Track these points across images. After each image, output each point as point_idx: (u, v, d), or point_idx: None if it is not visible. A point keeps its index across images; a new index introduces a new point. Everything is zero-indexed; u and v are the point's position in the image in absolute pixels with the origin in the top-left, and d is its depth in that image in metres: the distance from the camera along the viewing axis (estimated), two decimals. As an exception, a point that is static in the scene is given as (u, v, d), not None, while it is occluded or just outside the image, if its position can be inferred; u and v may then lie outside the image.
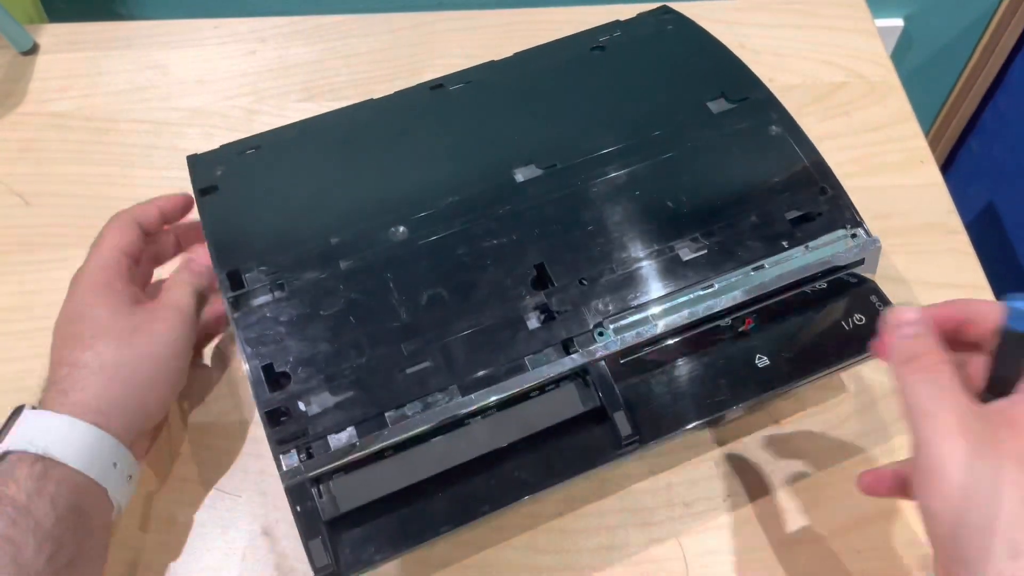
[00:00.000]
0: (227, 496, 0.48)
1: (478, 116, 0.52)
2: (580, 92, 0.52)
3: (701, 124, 0.49)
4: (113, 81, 0.69)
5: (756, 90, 0.50)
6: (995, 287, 0.55)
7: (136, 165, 0.64)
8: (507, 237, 0.45)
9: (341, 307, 0.42)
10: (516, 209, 0.46)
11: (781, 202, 0.46)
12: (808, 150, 0.48)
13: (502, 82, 0.54)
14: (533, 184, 0.47)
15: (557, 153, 0.48)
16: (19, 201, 0.62)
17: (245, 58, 0.71)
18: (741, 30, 0.71)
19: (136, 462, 0.43)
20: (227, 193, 0.48)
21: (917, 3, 0.92)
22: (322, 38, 0.72)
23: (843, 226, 0.45)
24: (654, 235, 0.45)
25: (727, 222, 0.45)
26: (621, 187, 0.46)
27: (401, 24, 0.72)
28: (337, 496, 0.39)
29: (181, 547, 0.47)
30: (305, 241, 0.45)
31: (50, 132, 0.66)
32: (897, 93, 0.67)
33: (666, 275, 0.44)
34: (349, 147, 0.51)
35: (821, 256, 0.44)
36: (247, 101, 0.68)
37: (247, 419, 0.51)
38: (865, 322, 0.44)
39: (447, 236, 0.45)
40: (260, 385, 0.40)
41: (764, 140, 0.48)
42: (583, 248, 0.44)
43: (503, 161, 0.48)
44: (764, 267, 0.44)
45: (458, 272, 0.44)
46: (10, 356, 0.54)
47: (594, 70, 0.54)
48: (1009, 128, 0.98)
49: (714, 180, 0.47)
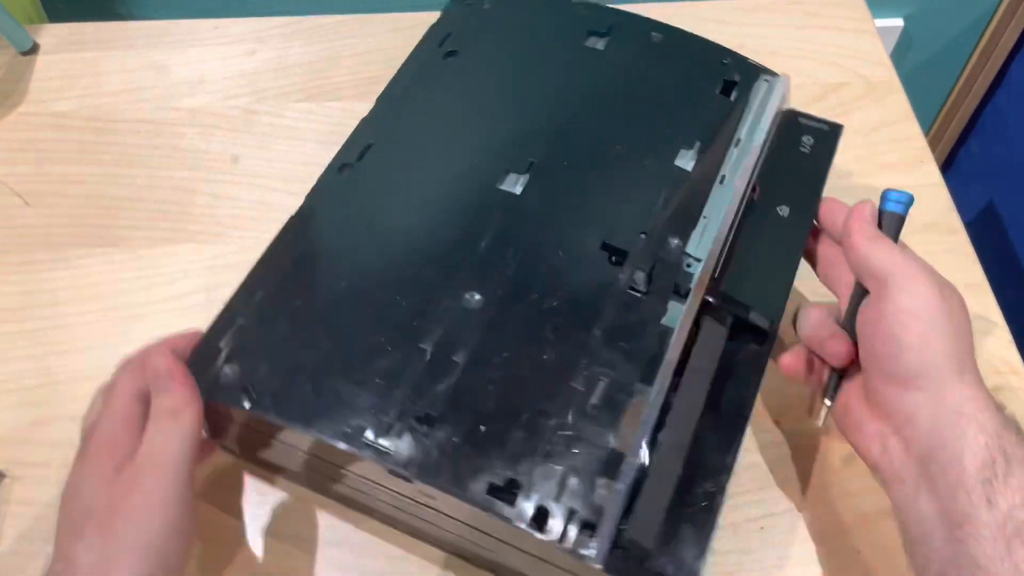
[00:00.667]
0: (227, 496, 0.48)
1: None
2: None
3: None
4: (113, 81, 0.69)
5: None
6: (995, 287, 0.55)
7: (136, 165, 0.64)
8: (563, 244, 0.45)
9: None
10: (533, 208, 0.46)
11: (710, 86, 0.52)
12: (698, 43, 0.55)
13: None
14: (530, 190, 0.47)
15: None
16: (19, 201, 0.62)
17: (244, 58, 0.71)
18: (741, 30, 0.72)
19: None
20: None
21: (917, 3, 0.92)
22: (322, 38, 0.72)
23: (756, 78, 0.52)
24: (656, 165, 0.48)
25: (694, 121, 0.50)
26: (609, 146, 0.49)
27: (401, 24, 0.72)
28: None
29: (181, 547, 0.47)
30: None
31: (50, 132, 0.66)
32: (897, 93, 0.67)
33: (690, 190, 0.47)
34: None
35: (769, 109, 0.51)
36: (247, 101, 0.68)
37: (247, 419, 0.51)
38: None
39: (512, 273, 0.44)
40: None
41: (670, 58, 0.54)
42: (619, 208, 0.46)
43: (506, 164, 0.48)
44: (741, 140, 0.49)
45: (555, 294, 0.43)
46: (10, 356, 0.54)
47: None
48: (1009, 128, 0.98)
49: (665, 104, 0.52)
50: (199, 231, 0.60)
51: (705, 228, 0.45)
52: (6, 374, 0.53)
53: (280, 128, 0.66)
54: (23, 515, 0.48)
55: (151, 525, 0.36)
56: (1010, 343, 0.53)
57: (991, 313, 0.54)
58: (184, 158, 0.64)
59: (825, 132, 0.52)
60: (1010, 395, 0.50)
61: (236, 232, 0.59)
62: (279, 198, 0.61)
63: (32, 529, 0.47)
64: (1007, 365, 0.52)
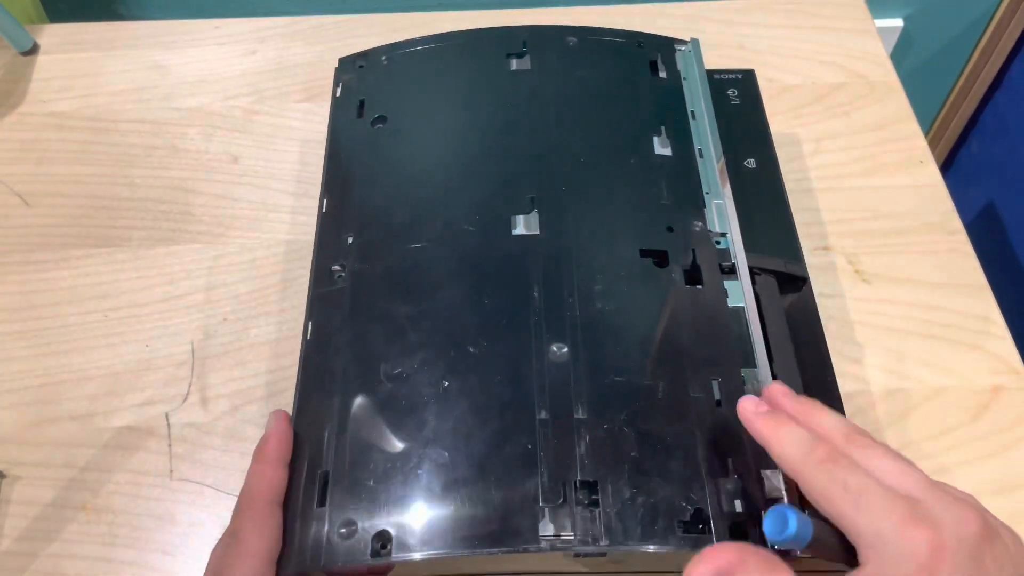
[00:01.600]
0: (227, 496, 0.48)
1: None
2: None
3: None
4: (113, 81, 0.69)
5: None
6: (995, 287, 0.55)
7: (136, 165, 0.64)
8: (607, 266, 0.45)
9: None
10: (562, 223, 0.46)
11: (640, 71, 0.54)
12: (608, 34, 0.56)
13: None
14: (546, 226, 0.46)
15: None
16: (19, 201, 0.62)
17: (245, 58, 0.71)
18: (741, 30, 0.72)
19: None
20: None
21: (917, 3, 0.92)
22: (322, 38, 0.72)
23: (673, 50, 0.55)
24: (640, 159, 0.49)
25: (646, 109, 0.52)
26: (589, 157, 0.50)
27: (401, 24, 0.72)
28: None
29: (181, 547, 0.47)
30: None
31: (50, 132, 0.66)
32: (897, 93, 0.66)
33: (681, 173, 0.48)
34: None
35: (700, 74, 0.53)
36: (247, 101, 0.68)
37: (247, 419, 0.51)
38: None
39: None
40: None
41: (593, 57, 0.55)
42: (634, 212, 0.47)
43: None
44: (695, 111, 0.51)
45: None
46: (10, 356, 0.54)
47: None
48: (1009, 128, 0.98)
49: (613, 101, 0.53)
50: (199, 231, 0.60)
51: (713, 203, 0.47)
52: (6, 374, 0.53)
53: (280, 128, 0.66)
54: (23, 515, 0.48)
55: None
56: (1010, 343, 0.53)
57: (991, 313, 0.54)
58: (184, 158, 0.64)
59: (742, 80, 0.55)
60: (1010, 395, 0.50)
61: (236, 232, 0.60)
62: (279, 198, 0.61)
63: (32, 529, 0.47)
64: (1007, 365, 0.52)
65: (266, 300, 0.56)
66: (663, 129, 0.50)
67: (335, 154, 0.51)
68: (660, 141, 0.49)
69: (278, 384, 0.52)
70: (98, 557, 0.47)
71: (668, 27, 0.70)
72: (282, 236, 0.59)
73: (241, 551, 0.37)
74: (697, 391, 0.40)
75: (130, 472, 0.49)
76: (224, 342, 0.54)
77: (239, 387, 0.52)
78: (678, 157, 0.49)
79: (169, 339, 0.54)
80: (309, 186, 0.62)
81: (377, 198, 0.49)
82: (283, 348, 0.54)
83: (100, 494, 0.49)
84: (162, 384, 0.53)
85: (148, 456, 0.50)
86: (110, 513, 0.48)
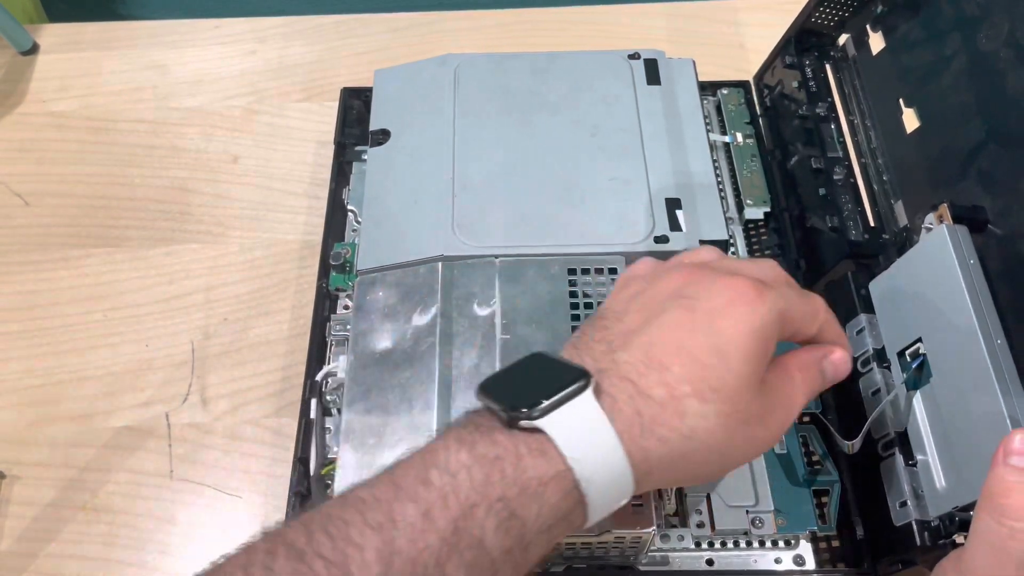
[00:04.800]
0: (227, 496, 0.48)
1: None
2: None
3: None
4: (113, 81, 0.69)
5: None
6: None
7: (136, 165, 0.64)
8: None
9: None
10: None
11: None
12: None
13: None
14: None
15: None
16: (19, 201, 0.62)
17: (245, 58, 0.71)
18: (741, 30, 0.71)
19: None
20: None
21: (917, 3, 0.92)
22: (322, 38, 0.72)
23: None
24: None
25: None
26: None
27: (401, 24, 0.72)
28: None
29: (181, 547, 0.47)
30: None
31: (50, 132, 0.66)
32: (897, 93, 0.66)
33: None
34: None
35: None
36: (247, 101, 0.68)
37: (247, 419, 0.51)
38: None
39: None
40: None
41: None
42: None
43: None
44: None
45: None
46: (10, 356, 0.54)
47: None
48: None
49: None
50: (199, 231, 0.60)
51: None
52: (6, 374, 0.53)
53: (280, 128, 0.66)
54: (23, 515, 0.48)
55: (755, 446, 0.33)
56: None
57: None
58: (184, 158, 0.64)
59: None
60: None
61: (236, 232, 0.59)
62: (279, 198, 0.61)
63: (32, 529, 0.47)
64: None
65: (266, 300, 0.56)
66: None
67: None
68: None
69: (278, 384, 0.52)
70: (98, 557, 0.47)
71: (668, 27, 0.71)
72: (282, 236, 0.59)
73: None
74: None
75: (130, 472, 0.49)
76: (224, 342, 0.54)
77: (239, 387, 0.52)
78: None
79: (169, 339, 0.54)
80: (309, 186, 0.62)
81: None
82: (283, 348, 0.54)
83: (100, 494, 0.49)
84: (162, 384, 0.53)
85: (148, 456, 0.50)
86: (110, 513, 0.48)
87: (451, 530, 0.27)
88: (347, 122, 0.57)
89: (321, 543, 0.27)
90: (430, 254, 0.45)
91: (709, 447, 0.30)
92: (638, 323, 0.32)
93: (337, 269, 0.50)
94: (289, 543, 0.27)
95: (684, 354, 0.30)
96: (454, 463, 0.28)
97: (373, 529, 0.27)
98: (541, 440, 0.29)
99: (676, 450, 0.30)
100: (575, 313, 0.43)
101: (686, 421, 0.30)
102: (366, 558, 0.26)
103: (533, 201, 0.47)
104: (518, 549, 0.28)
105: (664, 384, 0.30)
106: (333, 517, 0.27)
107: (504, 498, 0.28)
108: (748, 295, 0.32)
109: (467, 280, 0.45)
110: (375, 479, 0.29)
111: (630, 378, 0.30)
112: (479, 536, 0.27)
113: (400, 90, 0.54)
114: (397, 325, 0.44)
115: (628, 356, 0.31)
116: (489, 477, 0.28)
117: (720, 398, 0.30)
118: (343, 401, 0.42)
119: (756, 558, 0.42)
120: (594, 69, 0.53)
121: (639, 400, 0.30)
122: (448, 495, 0.28)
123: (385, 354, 0.43)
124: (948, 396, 0.37)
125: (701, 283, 0.33)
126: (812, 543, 0.43)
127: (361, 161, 0.54)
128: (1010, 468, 0.30)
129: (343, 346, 0.46)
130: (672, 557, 0.42)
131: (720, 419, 0.30)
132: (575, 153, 0.49)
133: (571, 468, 0.29)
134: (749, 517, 0.41)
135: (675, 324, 0.31)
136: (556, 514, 0.29)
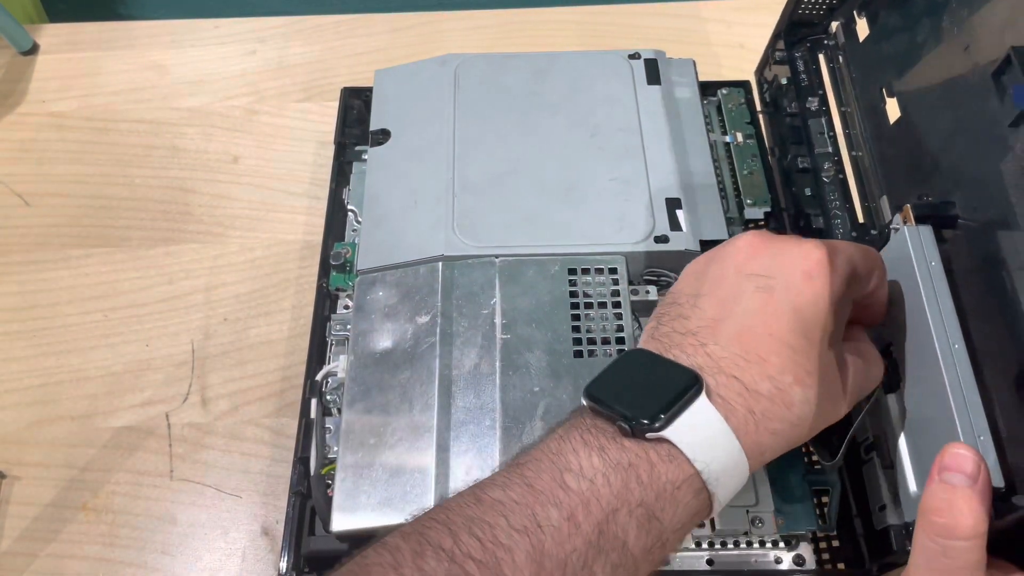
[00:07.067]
0: (227, 496, 0.48)
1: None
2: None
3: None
4: (113, 81, 0.69)
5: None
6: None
7: (136, 165, 0.64)
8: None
9: None
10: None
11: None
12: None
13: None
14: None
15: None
16: (19, 201, 0.62)
17: (245, 58, 0.71)
18: (741, 30, 0.71)
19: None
20: None
21: (917, 3, 0.92)
22: (322, 38, 0.72)
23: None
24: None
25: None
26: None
27: (401, 24, 0.72)
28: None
29: (181, 547, 0.47)
30: None
31: (50, 132, 0.66)
32: (897, 93, 0.66)
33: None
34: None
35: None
36: (247, 101, 0.68)
37: (247, 419, 0.51)
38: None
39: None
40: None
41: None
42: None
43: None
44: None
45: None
46: (10, 356, 0.54)
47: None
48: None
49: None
50: (199, 231, 0.60)
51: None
52: (6, 374, 0.53)
53: (280, 128, 0.66)
54: (23, 515, 0.48)
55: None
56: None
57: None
58: (184, 158, 0.64)
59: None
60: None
61: (236, 232, 0.59)
62: (279, 198, 0.61)
63: (32, 529, 0.47)
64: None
65: (266, 300, 0.56)
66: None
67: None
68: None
69: (278, 384, 0.52)
70: (98, 557, 0.47)
71: (668, 27, 0.71)
72: (282, 236, 0.59)
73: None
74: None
75: (130, 472, 0.49)
76: (224, 342, 0.54)
77: (239, 387, 0.52)
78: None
79: (169, 339, 0.54)
80: (309, 186, 0.62)
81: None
82: (283, 348, 0.54)
83: (100, 494, 0.49)
84: (162, 384, 0.53)
85: (148, 456, 0.50)
86: (110, 513, 0.48)
87: (596, 533, 0.28)
88: (347, 122, 0.57)
89: (469, 545, 0.27)
90: (430, 254, 0.45)
91: (810, 427, 0.32)
92: (717, 311, 0.33)
93: (337, 269, 0.50)
94: (436, 544, 0.27)
95: (775, 342, 0.31)
96: (587, 468, 0.29)
97: (519, 532, 0.28)
98: (669, 447, 0.30)
99: (785, 438, 0.32)
100: (575, 313, 0.43)
101: (794, 410, 0.31)
102: (517, 560, 0.27)
103: (533, 201, 0.47)
104: (657, 547, 0.30)
105: (768, 377, 0.31)
106: (475, 519, 0.28)
107: (643, 503, 0.29)
108: (822, 264, 0.32)
109: (467, 280, 0.45)
110: (503, 480, 0.30)
111: (735, 375, 0.31)
112: (623, 538, 0.29)
113: (400, 90, 0.54)
114: (397, 325, 0.44)
115: (723, 351, 0.32)
116: (627, 483, 0.29)
117: (816, 380, 0.31)
118: (343, 401, 0.42)
119: (756, 558, 0.42)
120: (594, 69, 0.53)
121: (748, 398, 0.31)
122: (590, 500, 0.29)
123: (385, 354, 0.43)
124: (915, 400, 0.37)
125: (769, 255, 0.33)
126: (812, 543, 0.42)
127: (361, 161, 0.54)
128: (943, 485, 0.30)
129: (343, 346, 0.46)
130: (672, 557, 0.42)
131: (819, 399, 0.32)
132: (575, 153, 0.49)
133: (699, 472, 0.30)
134: (749, 517, 0.41)
135: (757, 311, 0.32)
136: (689, 512, 0.30)
